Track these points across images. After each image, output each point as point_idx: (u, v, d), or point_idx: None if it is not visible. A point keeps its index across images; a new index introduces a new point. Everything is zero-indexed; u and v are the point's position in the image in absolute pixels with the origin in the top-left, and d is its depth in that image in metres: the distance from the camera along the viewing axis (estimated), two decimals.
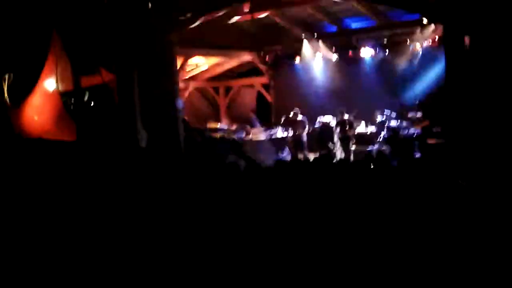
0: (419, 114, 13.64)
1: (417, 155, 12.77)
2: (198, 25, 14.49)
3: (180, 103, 13.95)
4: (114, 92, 12.76)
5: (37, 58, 12.24)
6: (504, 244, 4.46)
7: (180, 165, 9.08)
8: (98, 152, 10.78)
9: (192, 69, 18.49)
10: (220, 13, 13.07)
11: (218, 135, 16.63)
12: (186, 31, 13.45)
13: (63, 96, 12.60)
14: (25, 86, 12.41)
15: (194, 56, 16.65)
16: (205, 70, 19.14)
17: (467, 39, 9.32)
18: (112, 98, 12.79)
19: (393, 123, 14.07)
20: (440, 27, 11.82)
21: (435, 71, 12.94)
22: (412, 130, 13.57)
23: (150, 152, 11.94)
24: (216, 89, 20.62)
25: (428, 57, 13.98)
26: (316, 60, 16.59)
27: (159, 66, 13.06)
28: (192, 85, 19.45)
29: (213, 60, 18.23)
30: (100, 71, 12.44)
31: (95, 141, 11.94)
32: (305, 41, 16.34)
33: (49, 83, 12.55)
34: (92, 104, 12.90)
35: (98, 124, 12.59)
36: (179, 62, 15.04)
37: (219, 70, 19.45)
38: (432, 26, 13.10)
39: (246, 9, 14.24)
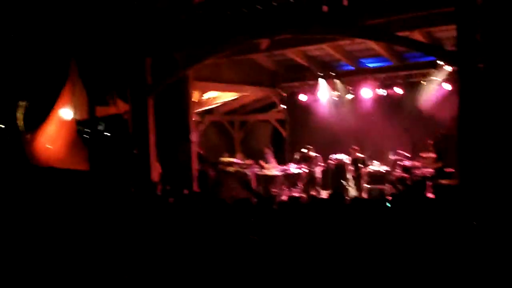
0: (432, 155, 13.59)
1: (430, 195, 12.66)
2: (215, 60, 14.69)
3: (194, 136, 14.03)
4: (128, 123, 12.86)
5: (54, 86, 12.41)
6: None
7: (190, 203, 9.07)
8: (110, 184, 10.81)
9: (208, 103, 18.60)
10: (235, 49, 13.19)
11: (232, 169, 16.64)
12: (204, 65, 13.59)
13: (78, 125, 12.72)
14: (40, 114, 12.54)
15: (211, 90, 16.77)
16: (222, 104, 19.24)
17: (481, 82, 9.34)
18: (126, 129, 12.88)
19: (406, 162, 14.04)
20: (455, 69, 11.85)
21: (449, 112, 12.89)
22: (425, 170, 13.51)
23: (162, 186, 11.97)
24: (231, 123, 20.74)
25: (442, 98, 13.95)
26: (332, 98, 16.60)
27: (175, 100, 13.17)
28: (208, 119, 19.55)
29: (229, 94, 18.36)
30: (115, 101, 12.57)
31: (108, 172, 11.98)
32: (321, 79, 16.40)
33: (64, 112, 12.68)
34: (106, 135, 13.00)
35: (111, 154, 12.66)
36: (195, 96, 15.16)
37: (235, 104, 19.58)
38: (448, 67, 13.10)
39: (264, 47, 14.40)
